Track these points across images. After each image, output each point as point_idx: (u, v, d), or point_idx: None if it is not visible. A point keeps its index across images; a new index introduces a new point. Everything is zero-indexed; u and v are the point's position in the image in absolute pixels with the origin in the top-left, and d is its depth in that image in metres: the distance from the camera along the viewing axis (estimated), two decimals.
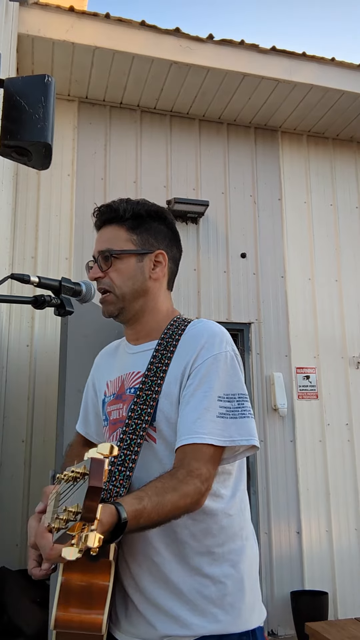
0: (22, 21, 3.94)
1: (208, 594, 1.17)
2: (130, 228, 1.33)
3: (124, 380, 1.33)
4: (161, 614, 1.16)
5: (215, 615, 1.16)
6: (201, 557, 1.18)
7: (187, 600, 1.16)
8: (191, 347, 1.23)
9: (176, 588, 1.17)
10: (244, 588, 1.21)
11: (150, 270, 1.33)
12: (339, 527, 4.48)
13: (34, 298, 1.19)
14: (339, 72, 4.66)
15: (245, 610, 1.20)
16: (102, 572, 1.11)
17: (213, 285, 4.68)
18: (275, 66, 4.50)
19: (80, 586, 1.10)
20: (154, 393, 1.21)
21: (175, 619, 1.15)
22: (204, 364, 1.20)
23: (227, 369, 1.21)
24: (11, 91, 1.13)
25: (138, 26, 4.21)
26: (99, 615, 1.08)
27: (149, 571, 1.18)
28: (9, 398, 4.03)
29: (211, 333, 1.25)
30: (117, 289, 1.31)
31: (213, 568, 1.18)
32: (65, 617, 1.08)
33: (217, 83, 4.51)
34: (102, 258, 1.32)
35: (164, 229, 1.38)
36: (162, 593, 1.17)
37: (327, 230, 5.10)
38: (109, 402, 1.36)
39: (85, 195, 4.54)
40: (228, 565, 1.20)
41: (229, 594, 1.18)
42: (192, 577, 1.17)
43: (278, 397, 4.46)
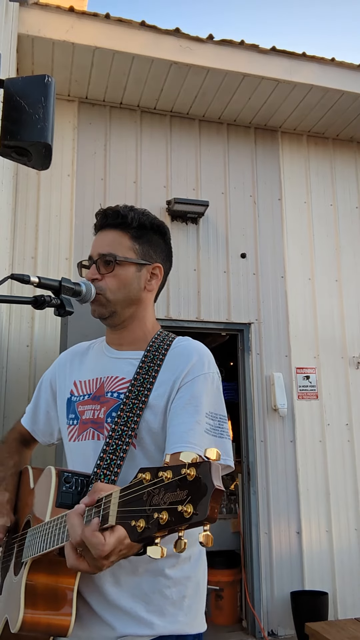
0: (22, 21, 3.94)
1: (169, 595, 1.19)
2: (133, 237, 1.35)
3: (103, 382, 1.33)
4: (121, 614, 1.17)
5: (175, 616, 1.19)
6: (165, 560, 1.19)
7: (148, 600, 1.18)
8: (181, 362, 1.26)
9: (138, 589, 1.18)
10: (200, 591, 1.26)
11: (147, 281, 1.36)
12: (339, 527, 4.48)
13: (34, 298, 1.19)
14: (339, 72, 4.66)
15: (199, 613, 1.25)
16: (68, 573, 1.10)
17: (213, 285, 4.68)
18: (275, 66, 4.50)
19: (46, 587, 1.08)
20: (141, 403, 1.23)
21: (135, 619, 1.17)
22: (195, 380, 1.24)
23: (214, 389, 1.26)
24: (11, 91, 1.13)
25: (138, 26, 4.21)
26: (67, 617, 1.07)
27: (110, 572, 1.18)
28: (9, 398, 4.03)
29: (201, 353, 1.29)
30: (111, 294, 1.31)
31: (175, 570, 1.21)
32: (33, 619, 1.05)
33: (217, 83, 4.51)
34: (103, 262, 1.32)
35: (162, 244, 1.40)
36: (124, 594, 1.18)
37: (327, 230, 5.10)
38: (80, 401, 1.34)
39: (85, 195, 4.54)
40: (188, 567, 1.23)
41: (188, 595, 1.22)
42: (154, 578, 1.19)
43: (278, 397, 4.46)
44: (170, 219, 4.66)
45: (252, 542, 4.28)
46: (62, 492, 1.13)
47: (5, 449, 1.52)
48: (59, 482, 1.14)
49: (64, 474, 1.15)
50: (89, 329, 3.44)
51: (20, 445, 1.53)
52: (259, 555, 4.27)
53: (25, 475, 1.43)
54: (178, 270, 4.51)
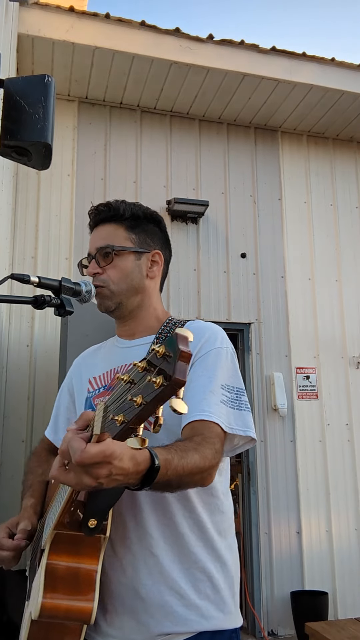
0: (22, 21, 3.94)
1: (203, 589, 1.16)
2: (128, 227, 1.35)
3: (117, 372, 1.32)
4: (155, 611, 1.13)
5: (210, 611, 1.16)
6: (198, 551, 1.18)
7: (183, 594, 1.14)
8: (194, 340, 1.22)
9: (174, 582, 1.14)
10: (234, 585, 1.23)
11: (148, 268, 1.36)
12: (339, 527, 4.48)
13: (34, 298, 1.19)
14: (339, 72, 4.66)
15: (234, 607, 1.22)
16: (89, 554, 1.03)
17: (213, 285, 4.68)
18: (275, 66, 4.50)
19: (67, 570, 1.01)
20: None
21: (170, 616, 1.13)
22: (208, 354, 1.23)
23: (229, 363, 1.25)
24: (11, 91, 1.13)
25: (138, 26, 4.21)
26: (89, 602, 1.00)
27: (145, 564, 1.14)
28: (9, 398, 4.03)
29: (213, 330, 1.29)
30: (114, 285, 1.32)
31: (208, 563, 1.18)
32: (53, 605, 0.98)
33: (217, 83, 4.51)
34: (101, 255, 1.33)
35: (158, 232, 1.41)
36: (158, 588, 1.14)
37: (327, 230, 5.10)
38: (96, 395, 1.34)
39: (85, 195, 4.54)
40: (221, 561, 1.21)
41: (222, 589, 1.19)
42: (189, 571, 1.16)
43: (278, 397, 4.46)
44: (170, 218, 4.66)
45: (252, 542, 4.28)
46: None
47: (35, 458, 1.51)
48: None
49: None
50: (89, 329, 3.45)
51: (48, 455, 1.50)
52: (259, 555, 4.27)
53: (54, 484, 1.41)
54: (178, 270, 4.51)
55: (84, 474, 0.83)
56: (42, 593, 0.99)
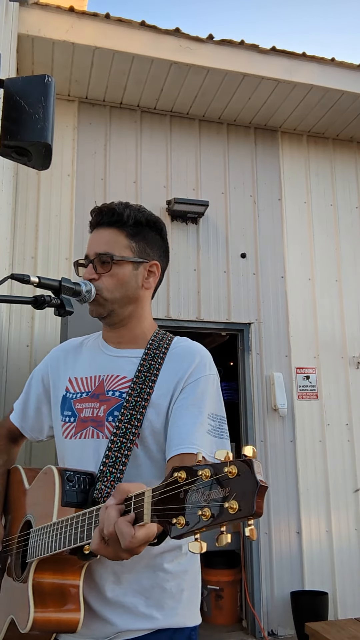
0: (22, 21, 3.94)
1: (168, 588, 1.21)
2: (130, 235, 1.33)
3: (103, 380, 1.31)
4: (120, 610, 1.18)
5: (174, 609, 1.21)
6: (164, 555, 1.22)
7: (148, 595, 1.19)
8: (184, 363, 1.27)
9: (138, 584, 1.19)
10: (197, 584, 1.29)
11: (144, 279, 1.35)
12: (339, 527, 4.48)
13: (34, 298, 1.19)
14: (339, 72, 4.66)
15: (196, 605, 1.29)
16: (73, 571, 1.12)
17: (213, 285, 4.67)
18: (275, 66, 4.50)
19: (52, 586, 1.10)
20: (143, 401, 1.23)
21: (135, 614, 1.18)
22: (199, 381, 1.25)
23: (215, 391, 1.28)
24: (11, 91, 1.13)
25: (138, 26, 4.21)
26: (76, 614, 1.09)
27: (112, 571, 1.19)
28: (9, 398, 4.03)
29: (202, 354, 1.31)
30: (108, 293, 1.31)
31: (174, 564, 1.23)
32: (44, 619, 1.07)
33: (217, 83, 4.51)
34: (99, 261, 1.32)
35: (159, 240, 1.39)
36: (124, 591, 1.19)
37: (327, 230, 5.10)
38: (78, 399, 1.33)
39: (85, 195, 4.54)
40: (185, 561, 1.25)
41: (186, 588, 1.24)
42: (154, 573, 1.21)
43: (278, 397, 4.46)
44: (170, 219, 4.66)
45: (252, 542, 4.28)
46: (67, 490, 1.13)
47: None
48: (62, 481, 1.14)
49: (66, 473, 1.15)
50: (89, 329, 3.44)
51: (8, 443, 1.51)
52: (259, 555, 4.27)
53: (17, 474, 1.42)
54: (178, 270, 4.51)
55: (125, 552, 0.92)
56: (32, 608, 1.07)
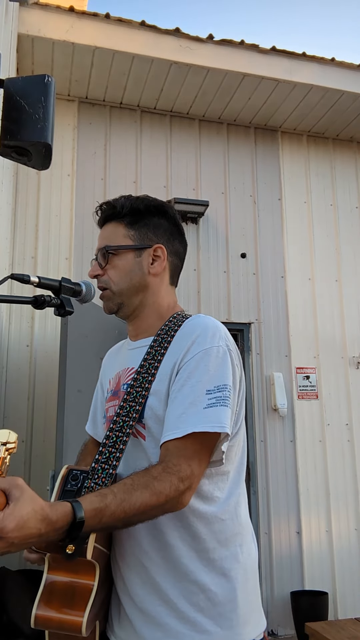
0: (22, 21, 3.94)
1: (196, 602, 1.12)
2: (128, 224, 1.33)
3: (120, 376, 1.33)
4: (147, 620, 1.13)
5: (203, 625, 1.11)
6: (190, 563, 1.14)
7: (174, 607, 1.12)
8: (183, 342, 1.20)
9: (164, 593, 1.13)
10: (236, 598, 1.15)
11: (149, 265, 1.32)
12: (339, 527, 4.48)
13: (34, 298, 1.19)
14: (339, 72, 4.66)
15: (236, 622, 1.14)
16: (87, 572, 1.08)
17: (213, 285, 4.68)
18: (275, 66, 4.50)
19: (64, 585, 1.08)
20: (144, 390, 1.19)
21: (161, 626, 1.12)
22: (194, 358, 1.17)
23: (219, 362, 1.16)
24: (11, 91, 1.13)
25: (138, 26, 4.21)
26: (79, 617, 1.05)
27: (137, 574, 1.15)
28: (9, 398, 4.03)
29: (204, 328, 1.21)
30: (114, 285, 1.30)
31: (202, 575, 1.13)
32: (45, 616, 1.06)
33: (217, 83, 4.51)
34: (101, 255, 1.32)
35: (164, 223, 1.35)
36: (150, 598, 1.13)
37: (327, 230, 5.10)
38: (107, 399, 1.36)
39: (85, 195, 4.54)
40: (218, 573, 1.15)
41: (218, 603, 1.13)
42: (180, 583, 1.13)
43: (278, 397, 4.46)
44: None
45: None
46: (66, 490, 1.13)
47: (83, 451, 1.52)
48: (64, 481, 1.14)
49: (72, 472, 1.15)
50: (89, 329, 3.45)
51: (95, 447, 1.50)
52: (259, 555, 4.26)
53: None
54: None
55: None
56: (36, 605, 1.06)
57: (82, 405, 2.82)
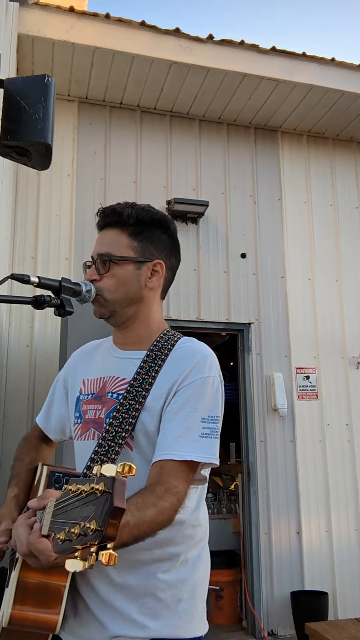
0: (22, 21, 3.94)
1: (163, 598, 1.19)
2: (132, 234, 1.32)
3: (105, 382, 1.33)
4: (114, 615, 1.17)
5: (168, 619, 1.18)
6: (160, 563, 1.20)
7: (141, 602, 1.17)
8: (182, 365, 1.25)
9: (132, 591, 1.18)
10: (197, 595, 1.24)
11: (147, 279, 1.33)
12: (339, 527, 4.48)
13: (34, 298, 1.19)
14: (339, 72, 4.66)
15: (196, 617, 1.23)
16: (59, 572, 1.11)
17: (213, 285, 4.68)
18: (275, 66, 4.50)
19: (37, 585, 1.10)
20: (137, 404, 1.22)
21: (128, 620, 1.16)
22: (192, 385, 1.22)
23: (213, 392, 1.24)
24: (11, 91, 1.13)
25: (138, 26, 4.21)
26: (55, 615, 1.09)
27: (104, 575, 1.19)
28: (9, 398, 4.03)
29: (202, 356, 1.27)
30: (108, 293, 1.30)
31: (170, 574, 1.20)
32: (21, 615, 1.08)
33: (217, 83, 4.51)
34: (101, 262, 1.31)
35: (165, 239, 1.37)
36: (117, 595, 1.18)
37: (327, 230, 5.10)
38: (85, 400, 1.35)
39: (85, 195, 4.54)
40: (184, 571, 1.23)
41: (183, 599, 1.21)
42: (148, 581, 1.19)
43: (278, 397, 4.46)
44: None
45: (252, 542, 4.28)
46: None
47: (25, 444, 1.53)
48: (48, 482, 1.15)
49: (54, 474, 1.16)
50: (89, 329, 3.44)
51: (39, 442, 1.54)
52: (259, 555, 4.27)
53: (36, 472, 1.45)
54: (178, 270, 4.50)
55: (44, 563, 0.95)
56: (11, 604, 1.08)
57: None
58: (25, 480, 1.41)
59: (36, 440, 1.53)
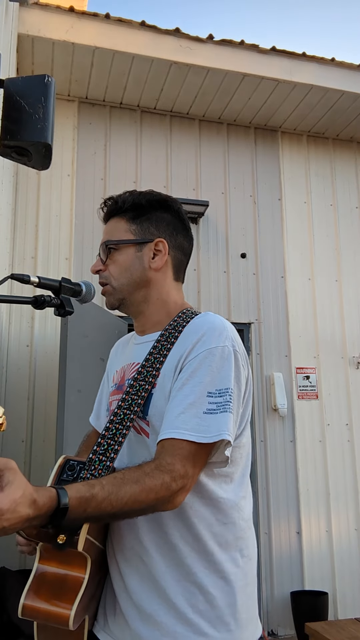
0: (22, 21, 3.94)
1: (195, 603, 1.11)
2: (130, 218, 1.32)
3: (125, 370, 1.32)
4: (144, 618, 1.11)
5: (200, 627, 1.10)
6: (191, 563, 1.13)
7: (172, 606, 1.11)
8: (188, 340, 1.18)
9: (163, 592, 1.12)
10: (235, 603, 1.14)
11: (150, 259, 1.29)
12: (339, 527, 4.48)
13: (34, 298, 1.19)
14: (339, 72, 4.66)
15: (234, 626, 1.13)
16: (78, 564, 1.06)
17: (213, 285, 4.68)
18: (275, 66, 4.50)
19: (55, 576, 1.05)
20: (147, 384, 1.18)
21: (157, 625, 1.10)
22: (197, 357, 1.14)
23: (221, 362, 1.14)
24: (11, 91, 1.13)
25: (138, 26, 4.21)
26: (67, 609, 1.02)
27: (136, 570, 1.14)
28: (9, 398, 4.03)
29: (210, 326, 1.18)
30: (115, 280, 1.30)
31: (202, 576, 1.12)
32: (32, 607, 1.03)
33: (217, 83, 4.51)
34: (103, 251, 1.32)
35: (167, 217, 1.34)
36: (148, 595, 1.12)
37: (327, 230, 5.10)
38: (111, 392, 1.36)
39: (85, 195, 4.54)
40: (218, 576, 1.14)
41: (217, 606, 1.12)
42: (180, 583, 1.12)
43: (278, 397, 4.46)
44: None
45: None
46: (62, 479, 1.12)
47: (85, 443, 1.52)
48: (60, 470, 1.13)
49: (69, 462, 1.14)
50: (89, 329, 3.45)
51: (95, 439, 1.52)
52: (259, 555, 4.26)
53: None
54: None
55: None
56: (24, 595, 1.03)
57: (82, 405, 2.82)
58: None
59: (94, 438, 1.50)
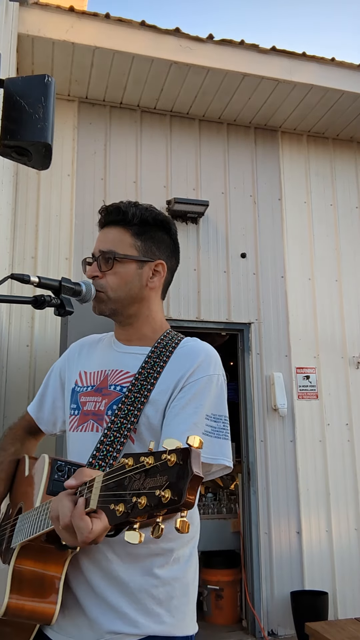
0: (22, 21, 3.94)
1: (156, 595, 1.18)
2: (135, 234, 1.33)
3: (107, 375, 1.33)
4: (108, 610, 1.17)
5: (161, 616, 1.18)
6: (154, 559, 1.20)
7: (135, 599, 1.17)
8: (187, 362, 1.26)
9: (126, 586, 1.17)
10: (189, 593, 1.25)
11: (148, 278, 1.34)
12: (339, 527, 4.48)
13: (34, 298, 1.19)
14: (339, 72, 4.66)
15: (188, 615, 1.24)
16: (56, 562, 1.10)
17: (213, 285, 4.68)
18: (275, 66, 4.50)
19: (33, 574, 1.09)
20: (143, 397, 1.23)
21: (121, 616, 1.16)
22: (199, 381, 1.23)
23: (217, 391, 1.25)
24: (11, 91, 1.13)
25: (138, 26, 4.21)
26: (52, 605, 1.07)
27: (99, 566, 1.18)
28: (9, 398, 4.03)
29: (208, 353, 1.29)
30: (112, 291, 1.31)
31: (164, 570, 1.20)
32: (17, 605, 1.06)
33: (217, 83, 4.51)
34: (103, 259, 1.32)
35: (167, 240, 1.38)
36: (111, 589, 1.17)
37: (327, 230, 5.10)
38: (83, 392, 1.35)
39: (85, 195, 4.54)
40: (177, 569, 1.22)
41: (175, 596, 1.21)
42: (142, 577, 1.18)
43: (278, 397, 4.46)
44: None
45: (252, 542, 4.28)
46: (54, 480, 1.13)
47: (10, 434, 1.52)
48: (51, 470, 1.15)
49: (57, 462, 1.16)
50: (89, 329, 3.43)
51: (25, 433, 1.53)
52: (259, 555, 4.27)
53: (22, 463, 1.43)
54: (178, 270, 4.48)
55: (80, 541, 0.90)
56: (8, 594, 1.06)
57: None
58: (7, 471, 1.41)
59: (22, 432, 1.53)
